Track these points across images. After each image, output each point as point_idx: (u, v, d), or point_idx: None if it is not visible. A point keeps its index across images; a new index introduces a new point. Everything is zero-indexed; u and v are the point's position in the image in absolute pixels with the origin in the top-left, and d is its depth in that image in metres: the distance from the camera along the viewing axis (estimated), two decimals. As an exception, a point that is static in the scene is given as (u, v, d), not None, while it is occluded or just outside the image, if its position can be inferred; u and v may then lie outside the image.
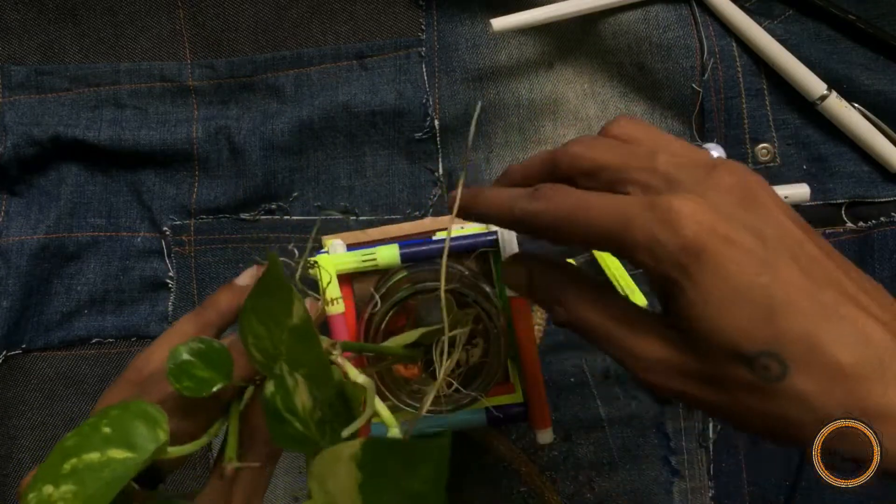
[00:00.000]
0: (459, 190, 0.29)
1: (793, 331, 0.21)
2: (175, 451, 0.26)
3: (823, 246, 0.23)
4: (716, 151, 0.42)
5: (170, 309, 0.48)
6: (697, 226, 0.22)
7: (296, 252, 0.37)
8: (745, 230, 0.22)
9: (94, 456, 0.24)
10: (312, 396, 0.25)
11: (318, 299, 0.36)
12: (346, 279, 0.41)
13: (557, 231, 0.25)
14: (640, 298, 0.46)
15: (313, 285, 0.37)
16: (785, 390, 0.21)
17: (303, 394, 0.25)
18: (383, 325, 0.35)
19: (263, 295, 0.25)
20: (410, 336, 0.32)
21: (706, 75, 0.48)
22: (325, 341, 0.27)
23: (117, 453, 0.24)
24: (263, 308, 0.25)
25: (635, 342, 0.24)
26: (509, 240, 0.40)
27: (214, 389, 0.27)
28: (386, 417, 0.26)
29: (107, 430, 0.25)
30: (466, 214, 0.30)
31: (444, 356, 0.33)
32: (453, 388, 0.35)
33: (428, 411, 0.35)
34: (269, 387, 0.24)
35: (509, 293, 0.38)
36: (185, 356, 0.27)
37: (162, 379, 0.28)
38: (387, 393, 0.36)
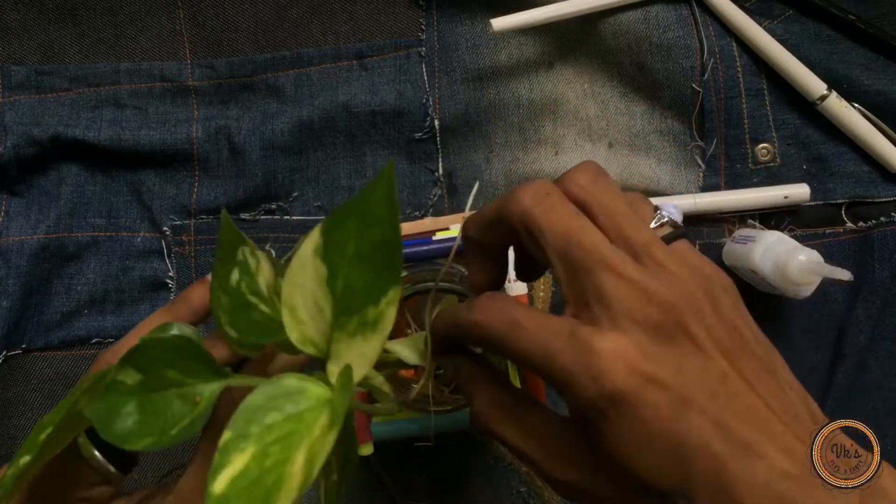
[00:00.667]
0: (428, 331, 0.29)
1: (703, 473, 0.22)
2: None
3: (752, 371, 0.23)
4: (669, 209, 0.41)
5: (170, 309, 0.48)
6: (618, 373, 0.22)
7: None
8: (665, 368, 0.22)
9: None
10: (275, 274, 0.25)
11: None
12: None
13: (493, 347, 0.25)
14: None
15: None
16: None
17: (265, 272, 0.25)
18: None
19: (221, 262, 0.25)
20: (414, 340, 0.32)
21: (706, 75, 0.48)
22: None
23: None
24: (223, 275, 0.25)
25: (552, 466, 0.25)
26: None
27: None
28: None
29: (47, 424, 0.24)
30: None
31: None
32: (451, 387, 0.35)
33: (429, 411, 0.35)
34: (234, 275, 0.24)
35: (510, 293, 0.38)
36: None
37: (143, 325, 0.28)
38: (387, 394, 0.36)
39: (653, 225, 0.26)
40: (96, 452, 0.26)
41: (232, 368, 0.29)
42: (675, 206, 0.42)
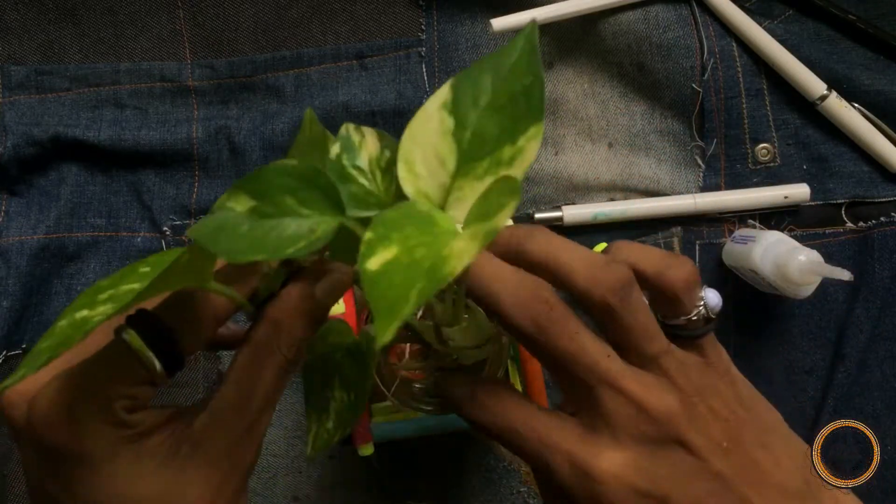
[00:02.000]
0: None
1: None
2: (217, 287, 0.25)
3: (746, 458, 0.25)
4: (712, 299, 0.40)
5: (170, 309, 0.48)
6: (614, 491, 0.24)
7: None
8: (660, 481, 0.24)
9: (134, 286, 0.23)
10: (382, 148, 0.25)
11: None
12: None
13: (496, 437, 0.27)
14: None
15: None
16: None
17: (370, 147, 0.24)
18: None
19: (301, 146, 0.25)
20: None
21: (706, 75, 0.48)
22: None
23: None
24: (301, 154, 0.25)
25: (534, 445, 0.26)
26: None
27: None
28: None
29: (145, 269, 0.24)
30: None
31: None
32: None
33: (430, 411, 0.35)
34: (334, 149, 0.24)
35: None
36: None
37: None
38: (387, 393, 0.36)
39: (691, 316, 0.27)
40: (146, 348, 0.25)
41: (266, 298, 0.28)
42: (715, 294, 0.42)
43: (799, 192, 0.47)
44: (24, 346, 0.47)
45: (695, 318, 0.27)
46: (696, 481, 0.24)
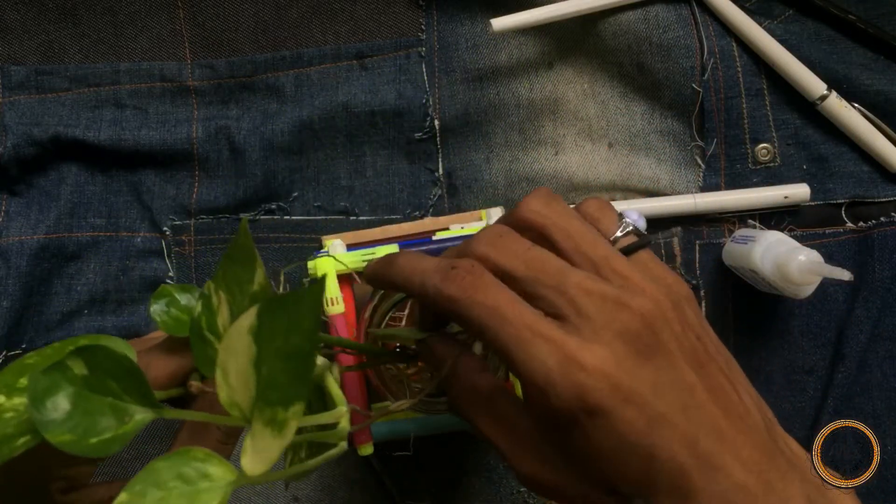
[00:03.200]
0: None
1: (668, 482, 0.23)
2: (160, 394, 0.26)
3: (715, 381, 0.25)
4: (632, 217, 0.41)
5: (170, 309, 0.48)
6: (600, 389, 0.23)
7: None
8: (642, 384, 0.23)
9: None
10: (232, 314, 0.26)
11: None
12: (345, 279, 0.41)
13: (466, 326, 0.25)
14: None
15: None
16: None
17: (224, 314, 0.25)
18: (383, 325, 0.35)
19: (231, 261, 0.25)
20: (412, 333, 0.32)
21: (706, 75, 0.48)
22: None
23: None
24: (230, 275, 0.25)
25: (520, 460, 0.26)
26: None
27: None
28: (336, 395, 0.27)
29: (73, 354, 0.24)
30: (374, 282, 0.30)
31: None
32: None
33: (429, 411, 0.35)
34: (197, 307, 0.25)
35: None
36: (170, 293, 0.28)
37: (146, 338, 0.28)
38: (388, 394, 0.36)
39: (618, 234, 0.27)
40: None
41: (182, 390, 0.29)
42: (638, 214, 0.43)
43: (799, 192, 0.47)
44: (23, 346, 0.47)
45: (622, 234, 0.27)
46: (673, 391, 0.24)
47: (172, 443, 0.28)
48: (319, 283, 0.22)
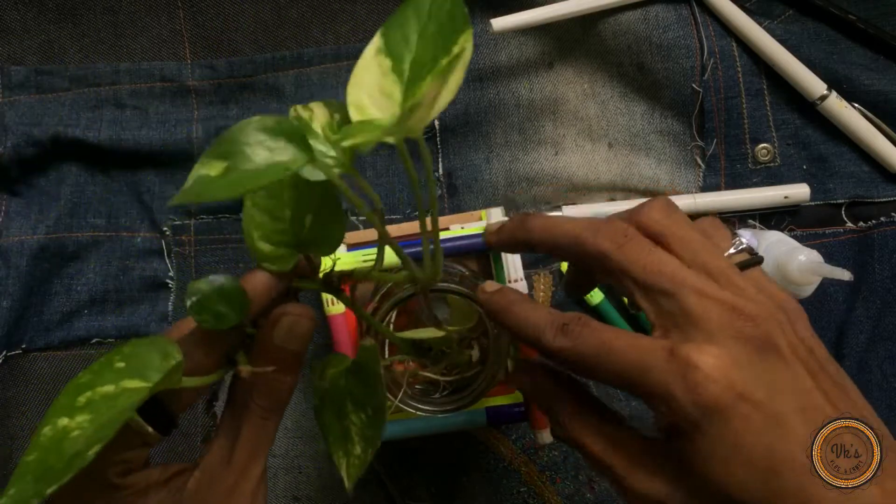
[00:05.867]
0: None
1: (788, 487, 0.23)
2: (189, 381, 0.26)
3: (828, 385, 0.25)
4: (746, 236, 0.41)
5: (170, 309, 0.48)
6: (715, 385, 0.23)
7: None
8: (758, 384, 0.23)
9: (108, 388, 0.24)
10: (331, 114, 0.27)
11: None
12: (346, 279, 0.41)
13: (580, 370, 0.27)
14: None
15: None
16: None
17: (320, 116, 0.26)
18: (384, 325, 0.35)
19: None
20: (420, 332, 0.32)
21: (706, 75, 0.48)
22: None
23: (131, 383, 0.25)
24: (262, 198, 0.26)
25: (634, 478, 0.26)
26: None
27: (230, 325, 0.27)
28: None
29: (120, 364, 0.25)
30: (504, 244, 0.32)
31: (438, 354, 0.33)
32: (454, 387, 0.35)
33: (429, 411, 0.35)
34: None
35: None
36: (206, 290, 0.27)
37: (181, 323, 0.28)
38: (388, 395, 0.36)
39: (731, 251, 0.28)
40: (136, 413, 0.26)
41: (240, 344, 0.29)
42: (752, 234, 0.43)
43: (799, 192, 0.47)
44: (23, 346, 0.47)
45: (735, 251, 0.28)
46: (789, 392, 0.24)
47: (217, 427, 0.29)
48: None
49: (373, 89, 0.24)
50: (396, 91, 0.24)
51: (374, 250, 0.40)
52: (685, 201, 0.47)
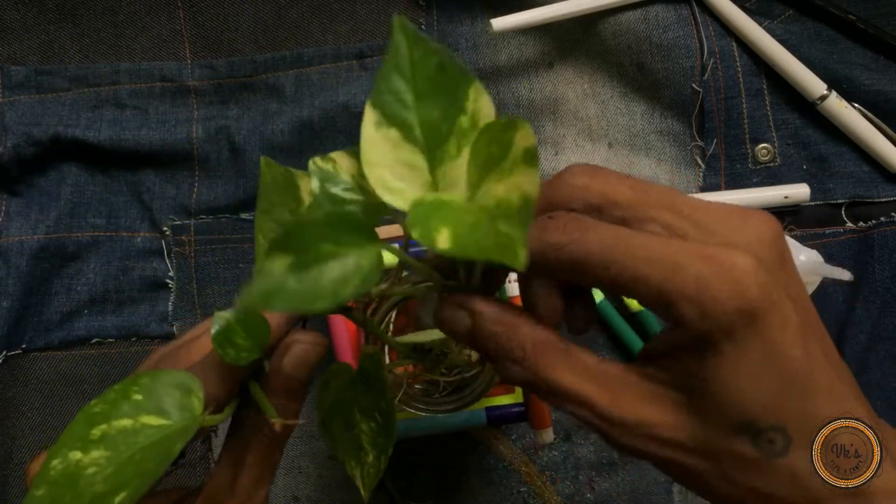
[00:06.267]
0: None
1: (812, 411, 0.21)
2: (211, 419, 0.25)
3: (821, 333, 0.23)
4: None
5: (170, 309, 0.48)
6: (758, 288, 0.20)
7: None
8: (786, 295, 0.21)
9: (125, 422, 0.23)
10: (353, 174, 0.25)
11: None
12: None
13: (583, 270, 0.22)
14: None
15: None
16: (782, 467, 0.21)
17: (345, 166, 0.25)
18: (383, 326, 0.35)
19: (269, 194, 0.25)
20: (419, 336, 0.32)
21: (706, 75, 0.48)
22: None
23: (151, 419, 0.24)
24: (271, 203, 0.25)
25: (621, 407, 0.22)
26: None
27: (250, 361, 0.27)
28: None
29: (137, 396, 0.24)
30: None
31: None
32: (453, 387, 0.35)
33: (429, 411, 0.35)
34: (314, 184, 0.24)
35: (509, 293, 0.38)
36: (230, 321, 0.26)
37: (194, 347, 0.28)
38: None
39: None
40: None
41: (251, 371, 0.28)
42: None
43: (799, 192, 0.47)
44: (23, 346, 0.47)
45: None
46: (810, 309, 0.22)
47: (221, 453, 0.29)
48: (398, 20, 0.23)
49: (391, 164, 0.22)
50: (419, 159, 0.22)
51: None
52: (685, 201, 0.47)
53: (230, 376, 0.27)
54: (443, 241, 0.20)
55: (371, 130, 0.22)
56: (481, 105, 0.23)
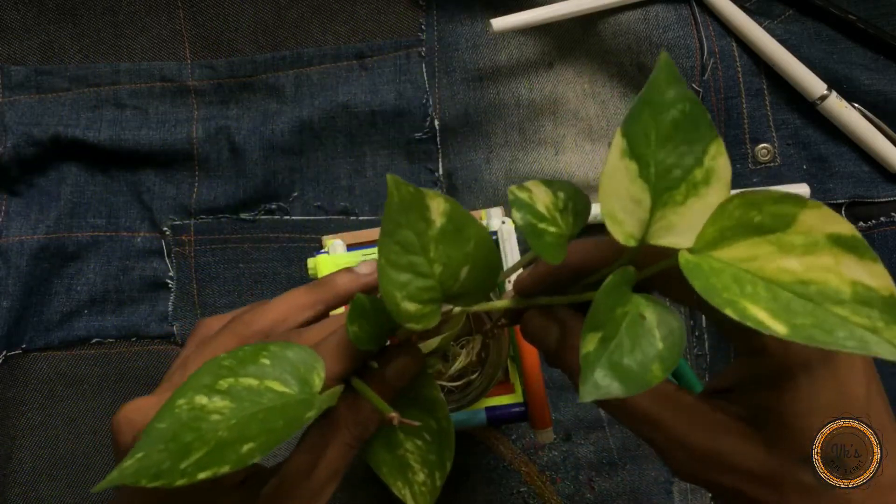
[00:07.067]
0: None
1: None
2: (321, 399, 0.25)
3: None
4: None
5: (170, 309, 0.48)
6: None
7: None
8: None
9: (252, 381, 0.24)
10: (553, 192, 0.26)
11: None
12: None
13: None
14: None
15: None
16: (837, 496, 0.22)
17: (542, 197, 0.26)
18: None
19: (394, 214, 0.24)
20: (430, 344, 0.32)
21: (706, 75, 0.48)
22: None
23: (275, 385, 0.24)
24: (397, 224, 0.24)
25: (696, 435, 0.23)
26: (508, 238, 0.41)
27: (375, 347, 0.27)
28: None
29: (265, 360, 0.25)
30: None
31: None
32: (454, 387, 0.35)
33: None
34: (516, 215, 0.25)
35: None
36: (368, 305, 0.26)
37: (286, 335, 0.28)
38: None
39: None
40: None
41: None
42: None
43: (799, 192, 0.47)
44: (23, 346, 0.47)
45: None
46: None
47: (301, 439, 0.29)
48: (665, 59, 0.23)
49: (622, 196, 0.23)
50: (645, 198, 0.23)
51: (374, 250, 0.40)
52: (685, 201, 0.47)
53: (350, 360, 0.28)
54: (768, 321, 0.20)
55: (615, 157, 0.23)
56: (719, 164, 0.24)
